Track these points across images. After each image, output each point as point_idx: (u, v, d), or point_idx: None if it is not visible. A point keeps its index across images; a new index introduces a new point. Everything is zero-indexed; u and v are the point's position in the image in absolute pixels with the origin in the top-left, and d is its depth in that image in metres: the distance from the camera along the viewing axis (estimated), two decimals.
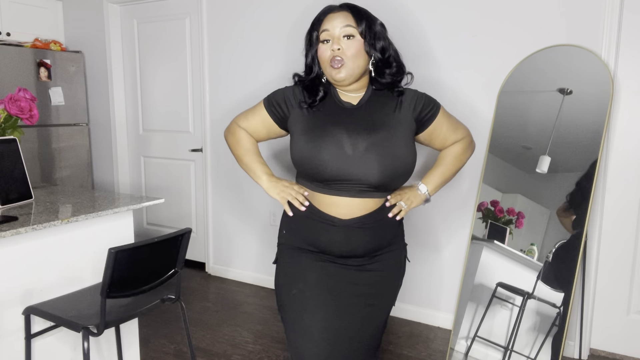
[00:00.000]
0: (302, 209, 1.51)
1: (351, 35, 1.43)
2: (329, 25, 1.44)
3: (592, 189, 2.31)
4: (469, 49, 2.67)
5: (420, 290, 2.96)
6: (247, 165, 1.64)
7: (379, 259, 1.53)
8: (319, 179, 1.45)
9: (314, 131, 1.45)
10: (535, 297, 2.37)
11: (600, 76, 2.34)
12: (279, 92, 1.57)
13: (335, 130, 1.43)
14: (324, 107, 1.50)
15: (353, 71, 1.44)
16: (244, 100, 3.43)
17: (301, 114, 1.51)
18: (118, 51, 4.06)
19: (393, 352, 2.60)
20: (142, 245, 1.65)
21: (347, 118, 1.47)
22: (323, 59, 1.45)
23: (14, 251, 1.77)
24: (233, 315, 3.04)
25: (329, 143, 1.42)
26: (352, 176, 1.41)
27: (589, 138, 2.35)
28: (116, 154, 4.15)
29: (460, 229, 2.79)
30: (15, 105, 2.03)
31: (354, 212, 1.47)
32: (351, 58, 1.43)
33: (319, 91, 1.50)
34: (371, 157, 1.40)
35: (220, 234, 3.72)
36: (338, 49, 1.42)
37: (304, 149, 1.44)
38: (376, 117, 1.47)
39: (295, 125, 1.51)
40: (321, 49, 1.45)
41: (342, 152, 1.41)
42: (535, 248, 2.43)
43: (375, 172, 1.40)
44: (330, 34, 1.44)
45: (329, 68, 1.44)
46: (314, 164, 1.43)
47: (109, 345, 2.19)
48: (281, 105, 1.55)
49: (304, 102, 1.51)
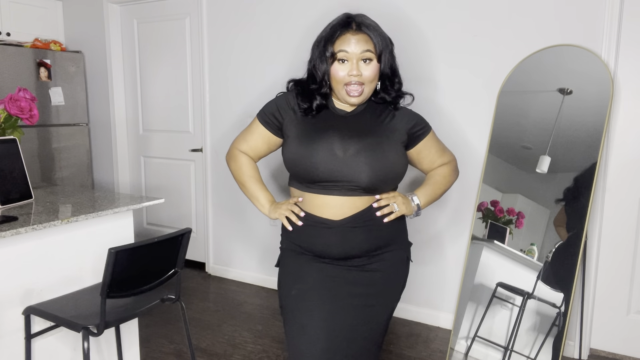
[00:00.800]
0: (299, 223, 1.51)
1: (369, 59, 1.45)
2: (347, 47, 1.44)
3: (592, 189, 2.31)
4: (469, 48, 2.67)
5: (421, 290, 2.96)
6: (250, 193, 1.65)
7: (378, 259, 1.52)
8: (310, 180, 1.47)
9: (308, 135, 1.48)
10: (535, 297, 2.37)
11: (600, 76, 2.34)
12: (271, 104, 1.59)
13: (328, 135, 1.46)
14: (318, 113, 1.53)
15: (368, 95, 1.48)
16: (243, 100, 3.43)
17: (295, 119, 1.53)
18: (118, 51, 4.06)
19: (393, 352, 2.60)
20: (142, 245, 1.65)
21: (340, 124, 1.50)
22: (337, 78, 1.46)
23: (14, 251, 1.77)
24: (233, 315, 3.04)
25: (321, 146, 1.45)
26: (342, 177, 1.44)
27: (589, 138, 2.35)
28: (116, 154, 4.15)
29: (460, 229, 2.79)
30: (15, 105, 2.03)
31: (345, 212, 1.47)
32: (368, 83, 1.46)
33: (314, 98, 1.50)
34: (361, 160, 1.43)
35: (220, 234, 3.72)
36: (358, 74, 1.43)
37: (296, 152, 1.47)
38: (368, 124, 1.50)
39: (289, 129, 1.53)
40: (336, 67, 1.45)
41: (333, 155, 1.44)
42: (535, 248, 2.43)
43: (364, 174, 1.43)
44: (348, 56, 1.44)
45: (344, 91, 1.46)
46: (306, 166, 1.45)
47: (109, 345, 2.19)
48: (275, 114, 1.56)
49: (300, 109, 1.53)
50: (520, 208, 2.50)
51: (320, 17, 3.07)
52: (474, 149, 2.70)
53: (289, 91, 1.58)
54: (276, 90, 3.29)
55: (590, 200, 2.30)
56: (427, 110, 2.80)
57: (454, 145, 2.76)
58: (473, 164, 2.71)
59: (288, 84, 1.59)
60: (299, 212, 1.52)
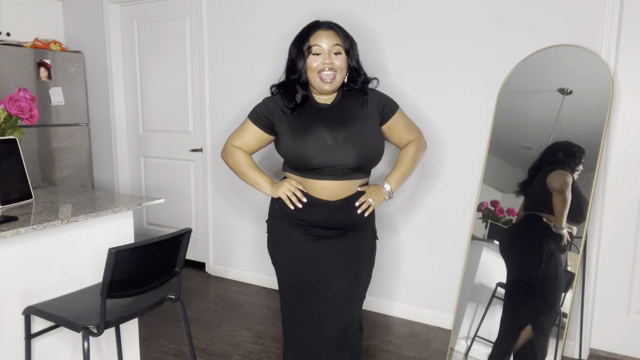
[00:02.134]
0: (299, 205, 1.77)
1: (339, 52, 1.75)
2: (319, 41, 1.73)
3: (592, 189, 2.31)
4: (469, 48, 2.67)
5: (420, 290, 2.96)
6: (251, 179, 1.89)
7: (353, 234, 1.83)
8: (307, 169, 1.75)
9: (299, 129, 1.75)
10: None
11: (600, 76, 2.34)
12: (260, 106, 1.85)
13: (317, 127, 1.74)
14: (304, 109, 1.79)
15: (339, 83, 1.77)
16: (243, 100, 3.43)
17: (285, 118, 1.79)
18: (118, 51, 4.06)
19: (393, 352, 2.60)
20: (142, 245, 1.65)
21: (325, 116, 1.78)
22: (312, 68, 1.74)
23: (14, 251, 1.78)
24: (233, 315, 3.04)
25: (312, 138, 1.72)
26: (335, 162, 1.72)
27: (589, 138, 2.35)
28: (116, 154, 4.15)
29: (461, 229, 2.79)
30: (15, 105, 2.02)
31: (340, 194, 1.78)
32: (339, 71, 1.75)
33: (296, 93, 1.78)
34: (349, 145, 1.72)
35: (220, 234, 3.72)
36: (330, 62, 1.72)
37: (292, 147, 1.74)
38: (349, 113, 1.79)
39: (281, 128, 1.79)
40: (311, 59, 1.74)
41: (325, 144, 1.72)
42: None
43: (352, 157, 1.72)
44: (321, 49, 1.73)
45: (318, 79, 1.74)
46: (302, 157, 1.73)
47: (109, 345, 2.19)
48: (266, 115, 1.82)
49: (286, 108, 1.79)
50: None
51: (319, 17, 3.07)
52: (474, 149, 2.70)
53: (274, 95, 1.85)
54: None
55: (590, 200, 2.30)
56: (427, 110, 2.81)
57: (454, 145, 2.77)
58: (473, 164, 2.71)
59: (271, 89, 1.86)
60: (301, 197, 1.77)
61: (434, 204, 2.86)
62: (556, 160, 2.39)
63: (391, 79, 2.84)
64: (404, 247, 2.98)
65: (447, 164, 2.79)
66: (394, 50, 2.86)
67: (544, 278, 2.31)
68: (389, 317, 3.03)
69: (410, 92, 2.82)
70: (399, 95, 2.80)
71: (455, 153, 2.77)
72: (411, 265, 2.98)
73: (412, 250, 2.96)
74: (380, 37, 2.87)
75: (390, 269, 3.03)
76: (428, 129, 2.80)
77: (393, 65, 2.86)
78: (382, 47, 2.87)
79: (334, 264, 1.79)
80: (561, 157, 2.37)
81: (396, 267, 3.02)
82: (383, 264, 3.00)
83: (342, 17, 2.37)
